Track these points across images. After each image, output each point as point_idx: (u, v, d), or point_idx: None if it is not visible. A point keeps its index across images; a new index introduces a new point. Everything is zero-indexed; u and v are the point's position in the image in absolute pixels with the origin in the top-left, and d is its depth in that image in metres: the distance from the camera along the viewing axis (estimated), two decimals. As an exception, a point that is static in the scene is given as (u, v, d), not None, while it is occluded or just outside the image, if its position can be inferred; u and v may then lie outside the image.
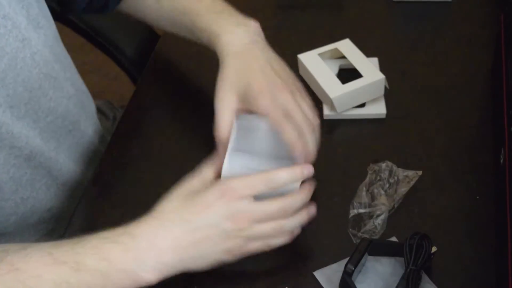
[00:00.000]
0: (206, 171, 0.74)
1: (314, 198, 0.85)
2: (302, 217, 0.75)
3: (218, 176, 0.75)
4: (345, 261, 0.74)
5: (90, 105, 0.99)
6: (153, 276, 0.68)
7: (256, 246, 0.73)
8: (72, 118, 0.93)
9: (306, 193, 0.74)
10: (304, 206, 0.75)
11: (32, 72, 0.82)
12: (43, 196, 0.90)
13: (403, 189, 0.83)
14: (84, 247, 0.67)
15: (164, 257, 0.68)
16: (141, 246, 0.67)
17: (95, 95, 1.04)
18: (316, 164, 0.88)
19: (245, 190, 0.70)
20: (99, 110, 1.13)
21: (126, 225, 0.69)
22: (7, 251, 0.66)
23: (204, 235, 0.69)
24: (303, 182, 0.76)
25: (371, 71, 0.94)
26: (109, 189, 0.91)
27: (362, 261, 0.75)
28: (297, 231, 0.77)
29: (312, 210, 0.76)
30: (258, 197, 0.72)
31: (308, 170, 0.74)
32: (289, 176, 0.72)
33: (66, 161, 0.93)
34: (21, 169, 0.84)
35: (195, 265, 0.71)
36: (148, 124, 0.99)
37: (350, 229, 0.80)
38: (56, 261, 0.66)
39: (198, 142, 0.95)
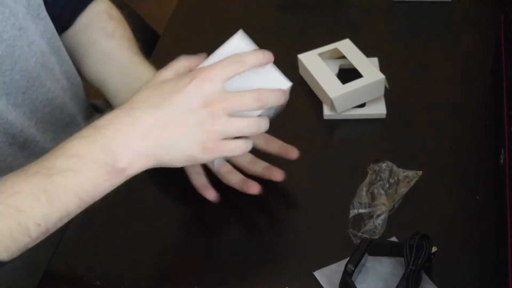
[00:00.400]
0: (179, 63, 0.71)
1: (314, 198, 0.85)
2: (275, 111, 0.73)
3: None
4: (345, 261, 0.74)
5: (84, 100, 0.99)
6: (126, 164, 0.66)
7: (231, 146, 0.69)
8: (69, 111, 0.93)
9: (281, 93, 0.71)
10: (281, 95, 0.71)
11: (29, 61, 0.82)
12: None
13: (403, 189, 0.83)
14: (52, 152, 0.66)
15: (132, 143, 0.66)
16: (106, 135, 0.65)
17: (95, 95, 1.03)
18: (316, 164, 0.88)
19: (216, 71, 0.66)
20: (99, 110, 1.13)
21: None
22: None
23: (175, 120, 0.66)
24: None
25: (371, 71, 0.94)
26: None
27: (362, 261, 0.75)
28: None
29: (286, 95, 0.72)
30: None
31: (269, 55, 0.70)
32: (254, 57, 0.69)
33: None
34: (17, 159, 0.84)
35: (168, 156, 0.68)
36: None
37: (350, 229, 0.80)
38: (29, 174, 0.65)
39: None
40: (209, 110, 0.66)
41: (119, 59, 0.90)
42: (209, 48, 0.88)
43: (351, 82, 0.93)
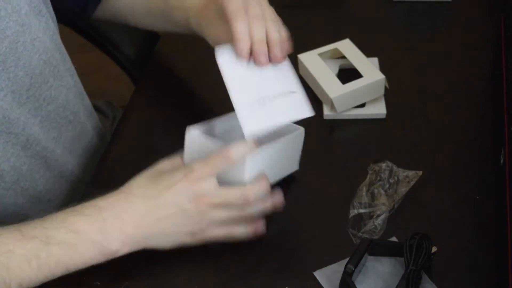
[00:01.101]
0: (177, 156, 0.76)
1: (314, 198, 0.85)
2: (264, 205, 0.76)
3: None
4: (345, 261, 0.74)
5: (86, 98, 1.00)
6: (118, 248, 0.70)
7: (218, 232, 0.74)
8: (72, 108, 0.93)
9: (262, 182, 0.75)
10: (267, 195, 0.76)
11: (32, 57, 0.83)
12: (41, 188, 0.90)
13: (403, 189, 0.83)
14: (52, 221, 0.69)
15: (127, 229, 0.70)
16: (106, 218, 0.70)
17: (95, 95, 1.04)
18: (316, 164, 0.88)
19: (205, 170, 0.72)
20: (99, 110, 1.13)
21: (95, 199, 0.72)
22: None
23: (166, 214, 0.71)
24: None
25: (371, 71, 0.94)
26: (109, 189, 0.91)
27: (362, 261, 0.75)
28: (261, 226, 0.77)
29: (278, 197, 0.77)
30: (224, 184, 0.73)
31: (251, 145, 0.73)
32: (240, 150, 0.72)
33: (63, 153, 0.93)
34: (20, 158, 0.85)
35: (159, 243, 0.73)
36: (148, 124, 0.99)
37: (350, 229, 0.80)
38: (26, 236, 0.68)
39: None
40: (197, 205, 0.72)
41: (155, 12, 0.95)
42: (209, 48, 0.88)
43: (351, 82, 0.93)
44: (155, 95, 1.03)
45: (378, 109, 0.95)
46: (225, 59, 0.76)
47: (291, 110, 0.75)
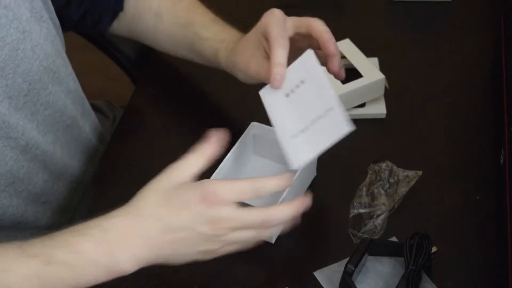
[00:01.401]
0: (191, 163, 0.70)
1: (314, 198, 0.85)
2: (284, 227, 0.73)
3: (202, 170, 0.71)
4: (345, 261, 0.74)
5: (84, 102, 1.00)
6: (126, 269, 0.66)
7: (232, 248, 0.70)
8: (70, 113, 0.93)
9: (294, 208, 0.69)
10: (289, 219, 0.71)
11: (32, 64, 0.82)
12: (38, 190, 0.90)
13: (403, 189, 0.83)
14: (54, 240, 0.66)
15: (137, 252, 0.66)
16: (111, 240, 0.66)
17: (95, 95, 1.04)
18: (316, 164, 0.88)
19: (229, 196, 0.66)
20: (99, 110, 1.13)
21: (99, 218, 0.67)
22: None
23: (180, 237, 0.67)
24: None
25: (371, 71, 0.94)
26: (109, 189, 0.91)
27: (362, 261, 0.75)
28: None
29: (297, 220, 0.72)
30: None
31: (289, 177, 0.70)
32: (277, 185, 0.69)
33: (63, 156, 0.93)
34: (18, 162, 0.84)
35: (171, 262, 0.69)
36: (148, 124, 0.99)
37: (350, 229, 0.80)
38: (26, 254, 0.65)
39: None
40: (214, 229, 0.67)
41: (179, 38, 0.93)
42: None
43: (351, 82, 0.93)
44: (155, 95, 1.03)
45: (378, 109, 0.95)
46: (269, 98, 0.76)
47: (331, 131, 0.72)
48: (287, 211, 0.69)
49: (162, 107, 1.01)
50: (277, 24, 0.77)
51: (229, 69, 0.86)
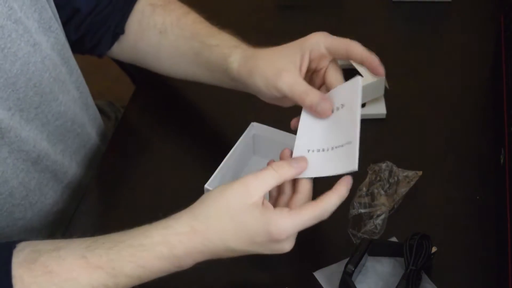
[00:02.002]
0: (265, 181, 0.68)
1: (314, 198, 0.85)
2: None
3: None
4: (345, 261, 0.74)
5: (92, 106, 0.99)
6: (188, 266, 0.69)
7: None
8: (79, 121, 0.93)
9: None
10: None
11: (43, 76, 0.82)
12: (50, 200, 0.90)
13: (403, 189, 0.83)
14: (120, 253, 0.66)
15: (200, 259, 0.68)
16: (178, 255, 0.67)
17: (96, 95, 1.03)
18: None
19: (295, 231, 0.68)
20: (101, 111, 1.13)
21: (164, 229, 0.67)
22: (39, 252, 0.66)
23: (246, 252, 0.69)
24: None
25: (371, 71, 0.94)
26: (110, 189, 0.91)
27: (362, 261, 0.75)
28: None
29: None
30: None
31: (349, 182, 0.71)
32: (338, 200, 0.69)
33: (71, 164, 0.93)
34: (29, 174, 0.84)
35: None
36: (148, 124, 0.99)
37: (350, 229, 0.80)
38: (91, 265, 0.65)
39: (198, 142, 0.95)
40: (275, 250, 0.69)
41: (184, 50, 0.89)
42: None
43: (351, 82, 0.93)
44: (155, 95, 1.03)
45: (378, 109, 0.95)
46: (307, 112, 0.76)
47: (340, 162, 0.72)
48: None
49: (162, 107, 1.01)
50: (337, 47, 0.77)
51: (241, 76, 0.81)
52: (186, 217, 0.67)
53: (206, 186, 0.79)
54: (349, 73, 0.96)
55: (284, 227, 0.66)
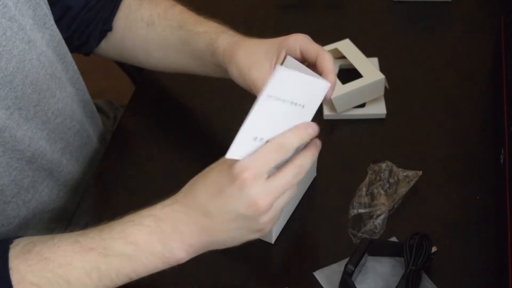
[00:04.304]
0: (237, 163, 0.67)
1: (314, 198, 0.85)
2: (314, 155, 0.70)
3: None
4: (345, 261, 0.74)
5: (90, 103, 0.99)
6: (182, 257, 0.68)
7: (280, 213, 0.70)
8: (78, 117, 0.93)
9: (314, 150, 0.69)
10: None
11: (39, 73, 0.82)
12: (46, 198, 0.90)
13: (403, 189, 0.83)
14: (111, 232, 0.68)
15: (189, 240, 0.68)
16: (165, 229, 0.67)
17: (95, 95, 1.04)
18: (316, 164, 0.88)
19: (258, 170, 0.65)
20: (100, 110, 1.13)
21: (151, 207, 0.69)
22: (35, 242, 0.68)
23: (228, 221, 0.67)
24: None
25: (371, 71, 0.94)
26: (110, 188, 0.92)
27: (362, 261, 0.75)
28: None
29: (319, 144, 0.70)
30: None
31: (312, 127, 0.68)
32: (298, 138, 0.67)
33: (69, 162, 0.93)
34: (23, 172, 0.84)
35: (225, 245, 0.70)
36: (148, 124, 0.99)
37: (350, 229, 0.80)
38: (84, 248, 0.67)
39: (198, 141, 0.95)
40: (256, 209, 0.66)
41: (172, 41, 0.90)
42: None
43: (351, 82, 0.93)
44: (155, 95, 1.03)
45: (378, 109, 0.95)
46: (273, 91, 0.68)
47: None
48: (310, 154, 0.68)
49: (162, 107, 1.01)
50: (309, 53, 0.77)
51: (224, 60, 0.82)
52: (173, 194, 0.69)
53: None
54: (349, 73, 0.97)
55: (243, 164, 0.65)
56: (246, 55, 0.80)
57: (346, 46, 0.99)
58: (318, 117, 0.94)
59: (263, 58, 0.79)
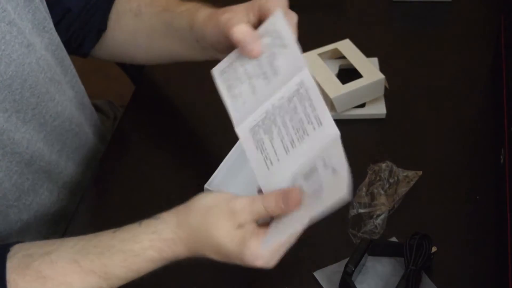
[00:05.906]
0: (258, 206, 0.66)
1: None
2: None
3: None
4: (345, 261, 0.74)
5: (89, 106, 0.99)
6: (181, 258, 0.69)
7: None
8: (76, 120, 0.93)
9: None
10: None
11: (38, 77, 0.82)
12: (46, 201, 0.90)
13: (403, 189, 0.83)
14: (112, 258, 0.67)
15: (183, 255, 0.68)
16: (168, 258, 0.68)
17: (95, 95, 1.04)
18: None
19: (271, 259, 0.66)
20: (100, 110, 1.13)
21: (152, 236, 0.67)
22: (32, 256, 0.67)
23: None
24: None
25: (371, 71, 0.94)
26: (109, 189, 0.91)
27: (362, 261, 0.75)
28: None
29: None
30: None
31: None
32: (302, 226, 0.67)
33: (68, 164, 0.92)
34: (23, 175, 0.84)
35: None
36: (148, 124, 0.99)
37: (350, 229, 0.80)
38: (84, 270, 0.66)
39: (198, 141, 0.95)
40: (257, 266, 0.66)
41: (157, 26, 0.88)
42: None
43: (351, 82, 0.93)
44: (155, 95, 1.03)
45: (378, 109, 0.95)
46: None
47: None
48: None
49: (162, 107, 1.01)
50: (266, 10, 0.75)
51: (203, 27, 0.79)
52: (171, 223, 0.67)
53: (206, 186, 0.79)
54: (349, 73, 0.97)
55: (257, 254, 0.64)
56: (225, 11, 0.77)
57: (346, 46, 0.99)
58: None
59: (240, 6, 0.76)
